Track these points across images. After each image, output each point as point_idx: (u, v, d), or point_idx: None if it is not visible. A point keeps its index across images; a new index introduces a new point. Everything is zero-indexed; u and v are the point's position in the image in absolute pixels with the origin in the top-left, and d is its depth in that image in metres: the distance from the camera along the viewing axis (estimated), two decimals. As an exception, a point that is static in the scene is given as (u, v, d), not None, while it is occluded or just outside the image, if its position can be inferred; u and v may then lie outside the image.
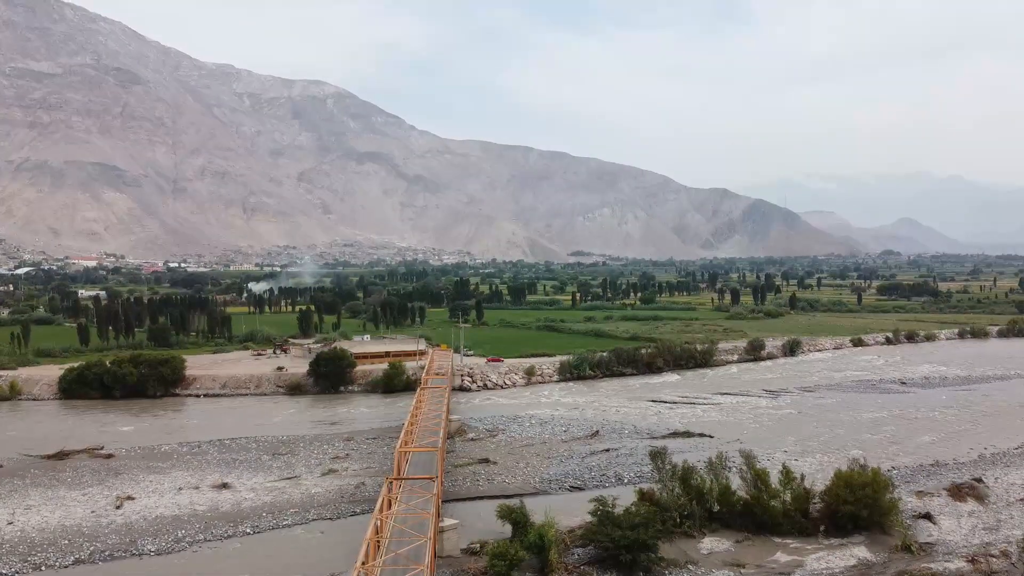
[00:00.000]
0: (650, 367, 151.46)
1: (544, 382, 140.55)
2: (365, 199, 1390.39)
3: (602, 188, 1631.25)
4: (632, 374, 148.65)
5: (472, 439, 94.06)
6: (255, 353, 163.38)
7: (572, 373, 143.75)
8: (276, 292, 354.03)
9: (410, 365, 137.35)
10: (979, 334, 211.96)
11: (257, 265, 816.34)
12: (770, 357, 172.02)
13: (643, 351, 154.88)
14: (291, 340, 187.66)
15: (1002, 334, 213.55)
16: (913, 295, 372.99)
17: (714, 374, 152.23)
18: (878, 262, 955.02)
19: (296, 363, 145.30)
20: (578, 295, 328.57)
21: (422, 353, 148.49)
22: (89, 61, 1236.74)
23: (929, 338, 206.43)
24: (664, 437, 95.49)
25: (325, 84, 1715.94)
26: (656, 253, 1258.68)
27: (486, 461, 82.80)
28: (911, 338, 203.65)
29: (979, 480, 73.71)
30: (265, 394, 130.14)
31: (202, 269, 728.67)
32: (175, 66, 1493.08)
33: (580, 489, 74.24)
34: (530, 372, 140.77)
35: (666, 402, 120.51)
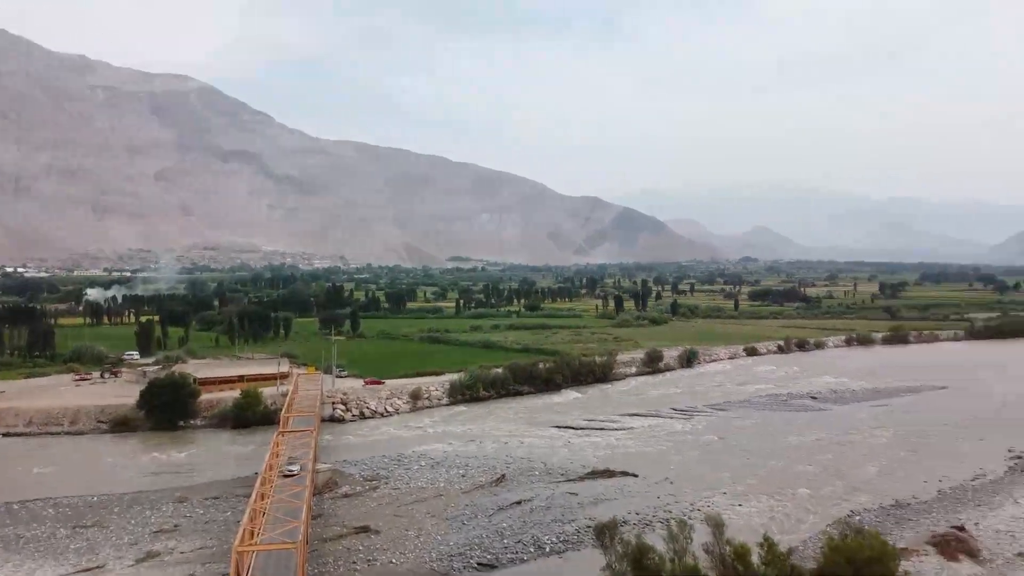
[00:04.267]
0: (548, 384, 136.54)
1: (432, 406, 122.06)
2: (230, 200, 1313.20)
3: (481, 194, 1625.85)
4: (530, 392, 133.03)
5: (347, 494, 74.29)
6: (78, 377, 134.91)
7: (464, 394, 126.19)
8: (120, 300, 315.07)
9: (269, 392, 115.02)
10: (865, 341, 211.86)
11: (107, 270, 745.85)
12: (668, 369, 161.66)
13: (541, 367, 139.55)
14: (128, 359, 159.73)
15: (887, 341, 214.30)
16: (784, 300, 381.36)
17: (615, 390, 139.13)
18: (739, 267, 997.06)
19: (129, 390, 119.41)
20: (461, 302, 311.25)
21: (284, 376, 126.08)
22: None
23: (819, 346, 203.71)
24: (582, 478, 79.71)
25: (189, 79, 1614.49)
26: (533, 259, 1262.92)
27: (365, 530, 63.67)
28: (801, 346, 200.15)
29: (961, 528, 62.21)
30: (83, 432, 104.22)
31: (42, 275, 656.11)
32: (23, 55, 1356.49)
33: (492, 567, 56.75)
34: (416, 395, 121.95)
35: (573, 428, 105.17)
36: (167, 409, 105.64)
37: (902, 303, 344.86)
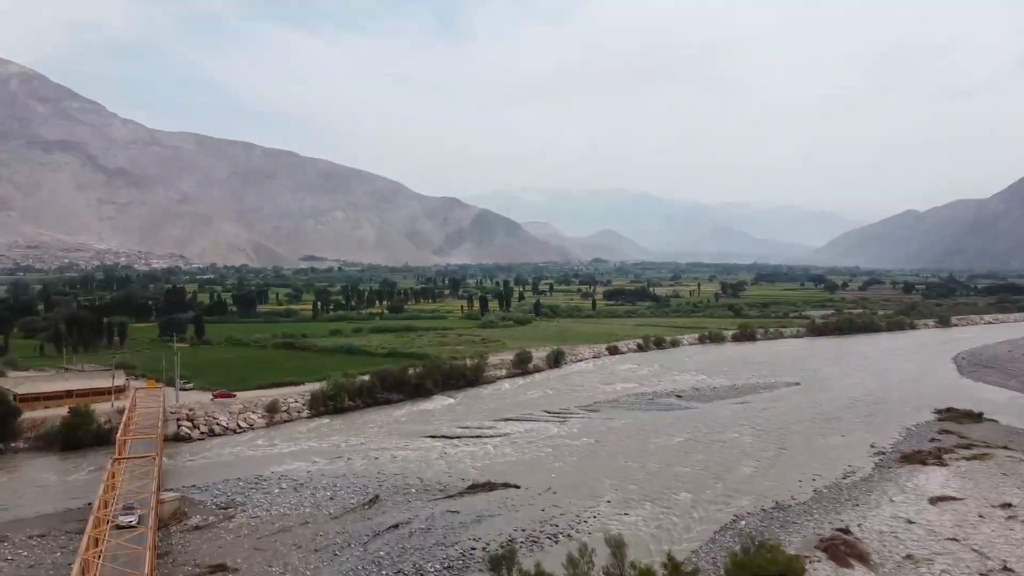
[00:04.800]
0: (418, 390, 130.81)
1: (292, 419, 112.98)
2: (54, 194, 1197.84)
3: (333, 191, 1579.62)
4: (399, 400, 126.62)
5: (198, 526, 65.45)
6: None
7: (327, 405, 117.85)
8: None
9: (103, 408, 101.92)
10: (717, 339, 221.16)
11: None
12: (537, 370, 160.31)
13: (410, 372, 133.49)
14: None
15: (736, 339, 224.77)
16: (637, 299, 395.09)
17: (487, 393, 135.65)
18: (590, 268, 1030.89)
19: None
20: (319, 304, 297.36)
21: (120, 390, 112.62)
22: None
23: (675, 344, 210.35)
24: (462, 493, 75.07)
25: (8, 63, 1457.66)
26: (391, 259, 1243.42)
27: (222, 568, 55.88)
28: (659, 344, 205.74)
29: (846, 531, 63.14)
30: None
31: None
32: None
33: (372, 604, 50.99)
34: (272, 409, 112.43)
35: (448, 437, 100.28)
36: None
37: (743, 302, 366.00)
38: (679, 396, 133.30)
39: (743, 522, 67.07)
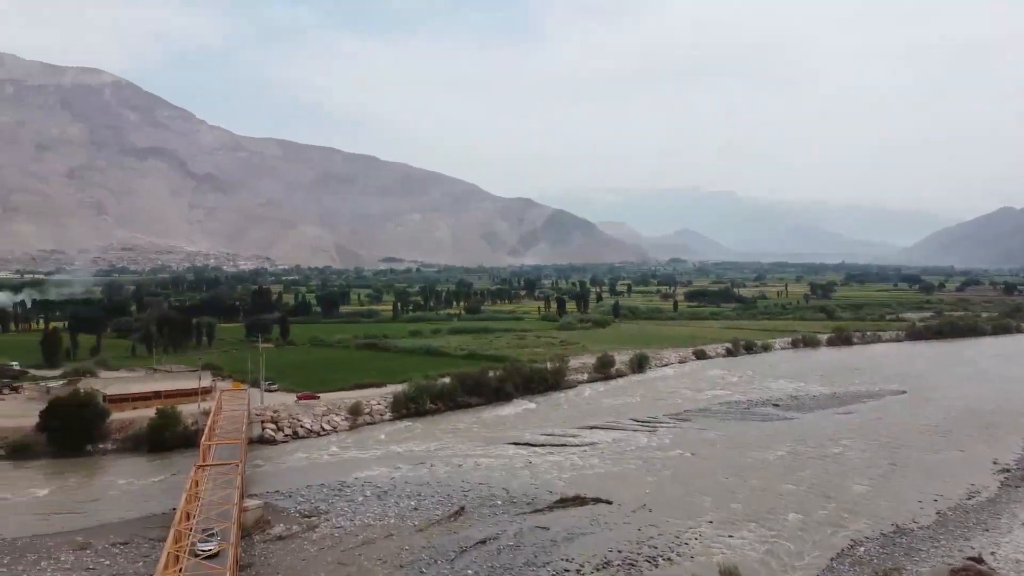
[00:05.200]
0: (498, 393, 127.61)
1: (375, 422, 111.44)
2: (147, 199, 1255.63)
3: (411, 193, 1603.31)
4: (479, 404, 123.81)
5: (281, 536, 63.57)
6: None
7: (409, 408, 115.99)
8: (29, 305, 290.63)
9: (189, 410, 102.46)
10: (811, 343, 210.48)
11: (18, 272, 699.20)
12: (620, 375, 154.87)
13: (491, 375, 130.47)
14: (33, 373, 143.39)
15: (831, 343, 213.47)
16: (721, 301, 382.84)
17: (568, 399, 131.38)
18: (668, 268, 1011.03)
19: (30, 409, 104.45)
20: (399, 305, 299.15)
21: (206, 391, 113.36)
22: None
23: (766, 348, 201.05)
24: (551, 508, 71.06)
25: (102, 72, 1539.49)
26: (466, 259, 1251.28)
27: (307, 585, 53.53)
28: (749, 348, 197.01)
29: (979, 560, 56.22)
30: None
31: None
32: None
33: (463, 631, 47.53)
34: (356, 411, 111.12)
35: (532, 445, 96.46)
36: (71, 432, 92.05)
37: (835, 303, 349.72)
38: (776, 405, 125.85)
39: (862, 548, 60.90)
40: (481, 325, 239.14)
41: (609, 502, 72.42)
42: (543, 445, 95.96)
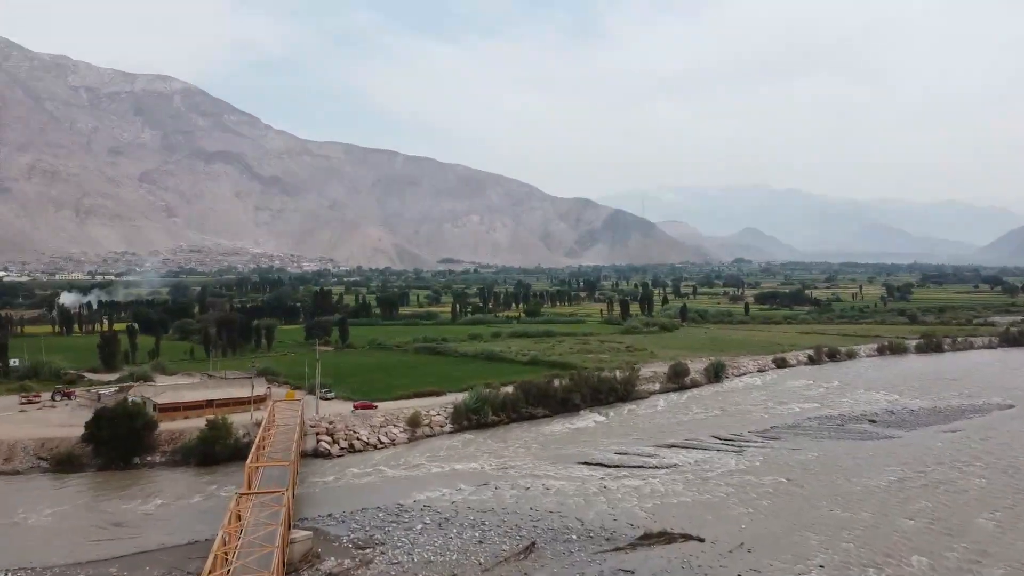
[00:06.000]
0: (565, 404, 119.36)
1: (434, 434, 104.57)
2: (215, 201, 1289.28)
3: (469, 195, 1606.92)
4: (545, 415, 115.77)
5: (331, 573, 56.57)
6: (24, 400, 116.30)
7: (470, 419, 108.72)
8: (96, 306, 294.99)
9: (241, 420, 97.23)
10: (898, 350, 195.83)
11: (90, 273, 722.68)
12: (695, 384, 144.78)
13: (556, 384, 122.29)
14: (90, 377, 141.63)
15: (919, 349, 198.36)
16: (793, 303, 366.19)
17: (641, 411, 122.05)
18: (732, 269, 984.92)
19: (81, 416, 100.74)
20: (457, 307, 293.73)
21: (261, 399, 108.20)
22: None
23: (850, 355, 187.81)
24: (633, 545, 62.34)
25: (172, 79, 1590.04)
26: (524, 260, 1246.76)
27: (358, 641, 46.25)
28: (832, 356, 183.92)
29: None
30: (19, 472, 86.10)
31: (23, 279, 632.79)
32: (2, 56, 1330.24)
33: None
34: (414, 422, 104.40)
35: (605, 465, 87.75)
36: (118, 443, 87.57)
37: (915, 306, 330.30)
38: (873, 421, 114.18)
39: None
40: (542, 328, 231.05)
41: (701, 539, 63.32)
42: (617, 466, 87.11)
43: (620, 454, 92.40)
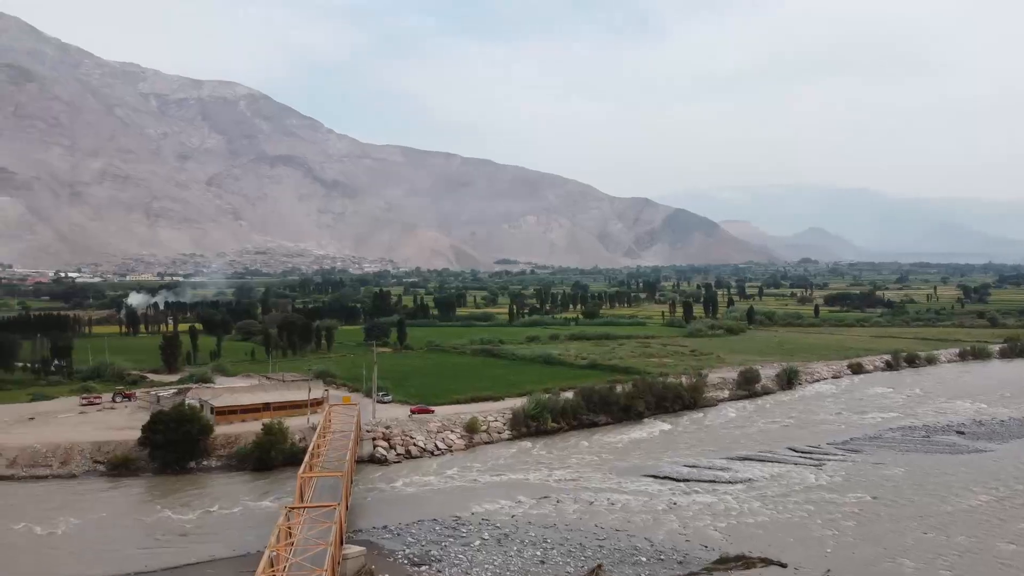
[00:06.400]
0: (628, 412, 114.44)
1: (492, 441, 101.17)
2: (279, 205, 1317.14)
3: (526, 196, 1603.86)
4: (606, 423, 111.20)
5: (386, 593, 53.64)
6: (85, 401, 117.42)
7: (529, 426, 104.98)
8: (162, 307, 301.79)
9: (298, 424, 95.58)
10: (981, 355, 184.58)
11: (159, 275, 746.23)
12: (766, 391, 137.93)
13: (619, 390, 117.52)
14: (151, 378, 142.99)
15: (1004, 354, 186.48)
16: (865, 306, 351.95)
17: (710, 421, 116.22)
18: (798, 269, 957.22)
19: (140, 419, 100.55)
20: (514, 308, 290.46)
21: (318, 403, 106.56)
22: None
23: (930, 360, 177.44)
24: (710, 569, 57.56)
25: (237, 85, 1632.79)
26: (581, 261, 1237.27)
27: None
28: (911, 361, 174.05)
29: None
30: (75, 475, 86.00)
31: (95, 280, 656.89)
32: (75, 64, 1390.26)
33: None
34: (472, 428, 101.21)
35: (673, 479, 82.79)
36: (174, 448, 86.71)
37: (994, 308, 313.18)
38: (961, 432, 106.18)
39: None
40: (601, 331, 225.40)
41: (783, 565, 58.13)
42: (687, 480, 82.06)
43: (689, 467, 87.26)
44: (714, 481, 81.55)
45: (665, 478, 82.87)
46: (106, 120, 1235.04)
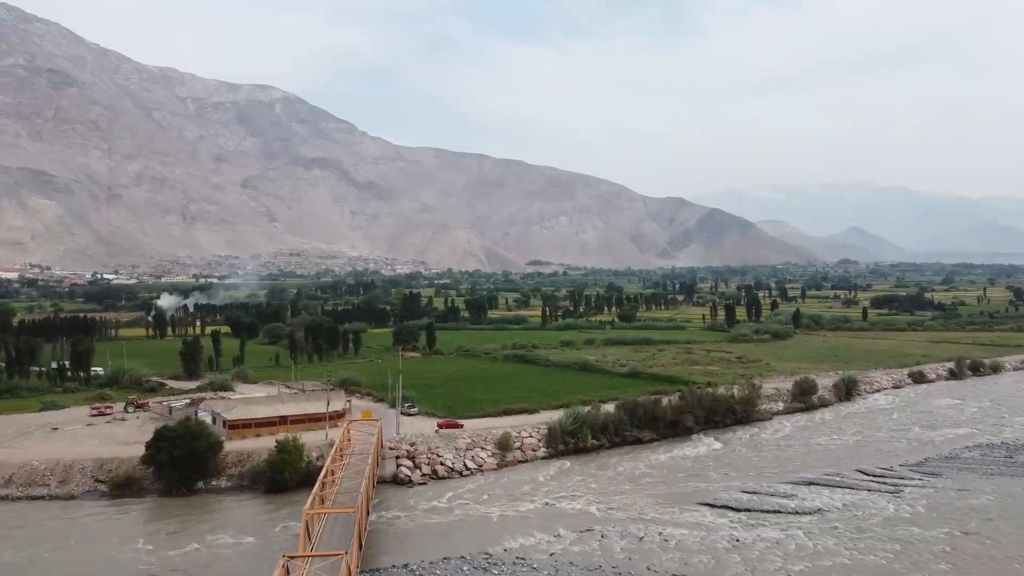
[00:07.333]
0: (675, 427, 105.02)
1: (526, 460, 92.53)
2: (313, 206, 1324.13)
3: (558, 196, 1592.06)
4: (651, 440, 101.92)
5: (402, 659, 45.31)
6: (95, 411, 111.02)
7: (566, 443, 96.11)
8: (192, 309, 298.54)
9: (315, 439, 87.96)
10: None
11: (195, 276, 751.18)
12: (823, 403, 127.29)
13: (664, 402, 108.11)
14: (171, 385, 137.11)
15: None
16: (914, 308, 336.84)
17: (765, 437, 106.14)
18: (838, 270, 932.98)
19: (149, 432, 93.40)
20: (547, 311, 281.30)
21: (339, 415, 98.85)
22: (21, 62, 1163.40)
23: (995, 368, 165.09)
24: (787, 630, 48.33)
25: (273, 89, 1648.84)
26: (614, 262, 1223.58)
27: None
28: (975, 369, 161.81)
29: None
30: (74, 496, 79.30)
31: (131, 281, 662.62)
32: (114, 69, 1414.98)
33: None
34: (504, 445, 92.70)
35: (734, 508, 73.24)
36: (180, 467, 79.60)
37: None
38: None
39: None
40: (639, 336, 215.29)
41: (875, 625, 48.66)
42: (748, 510, 72.53)
43: (749, 493, 77.67)
44: (779, 511, 71.90)
45: (723, 507, 73.37)
46: (144, 124, 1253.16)
